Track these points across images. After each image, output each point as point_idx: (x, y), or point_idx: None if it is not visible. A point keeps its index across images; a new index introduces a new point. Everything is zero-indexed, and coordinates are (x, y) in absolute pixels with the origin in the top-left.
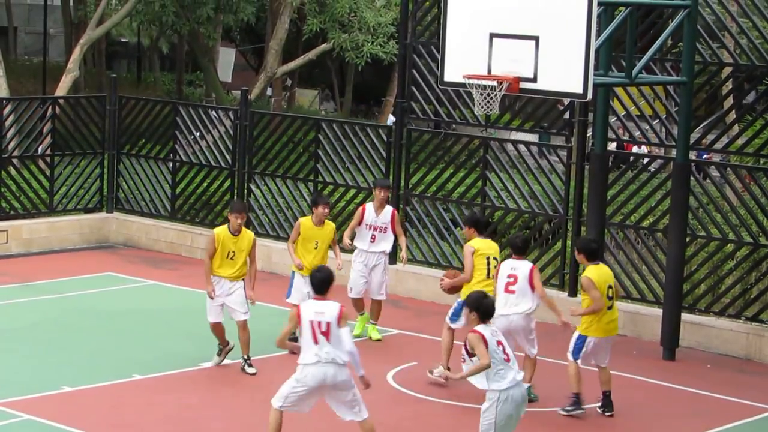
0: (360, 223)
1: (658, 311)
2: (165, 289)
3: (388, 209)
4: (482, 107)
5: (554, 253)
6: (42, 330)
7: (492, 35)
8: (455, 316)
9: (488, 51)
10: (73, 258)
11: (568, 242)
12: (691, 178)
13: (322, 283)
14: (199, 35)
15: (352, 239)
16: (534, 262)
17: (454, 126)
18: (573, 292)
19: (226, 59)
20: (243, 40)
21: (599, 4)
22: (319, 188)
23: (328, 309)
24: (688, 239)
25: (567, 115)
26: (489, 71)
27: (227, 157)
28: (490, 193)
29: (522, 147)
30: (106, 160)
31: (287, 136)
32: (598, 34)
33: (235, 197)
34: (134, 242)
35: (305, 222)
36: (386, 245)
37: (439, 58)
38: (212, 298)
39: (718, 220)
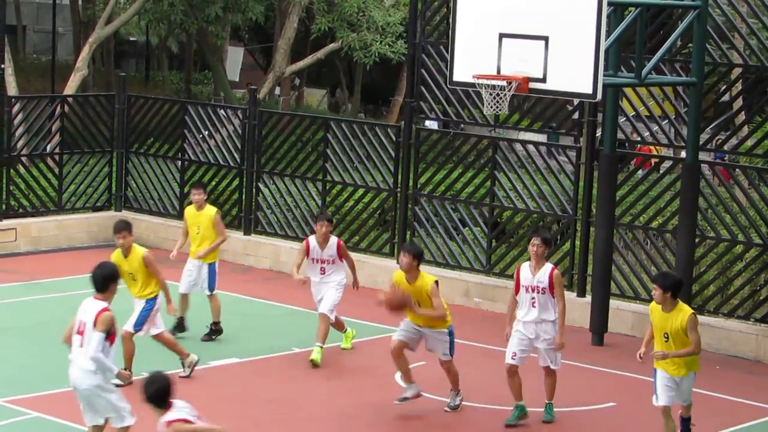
0: (307, 256)
1: None
2: (173, 287)
3: (333, 241)
4: (491, 107)
5: (563, 254)
6: (50, 328)
7: (501, 35)
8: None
9: (497, 51)
10: (82, 256)
11: (577, 242)
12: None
13: (101, 280)
14: (208, 34)
15: (299, 269)
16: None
17: (462, 126)
18: (582, 293)
19: (234, 58)
20: (251, 39)
21: (609, 4)
22: (327, 187)
23: (90, 309)
24: (697, 240)
25: (576, 116)
26: (498, 71)
27: (236, 156)
28: (498, 193)
29: (531, 147)
30: (115, 158)
31: (296, 135)
32: (608, 35)
33: (244, 196)
34: (142, 241)
35: (188, 210)
36: (338, 275)
37: (449, 57)
38: None
39: (727, 221)
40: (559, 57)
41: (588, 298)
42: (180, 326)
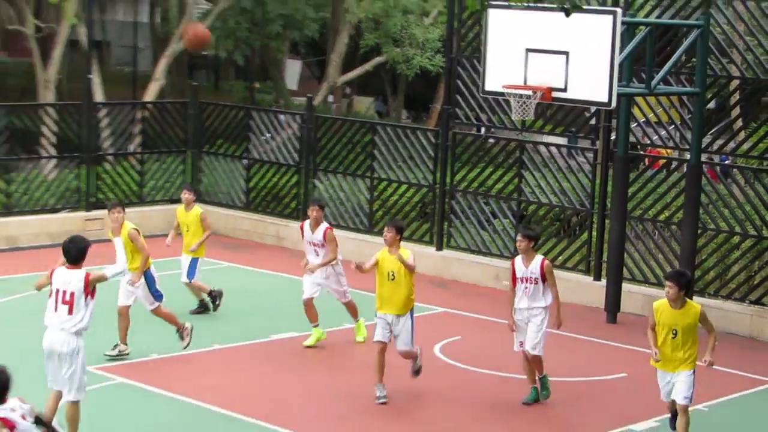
0: (302, 239)
1: None
2: (240, 270)
3: (322, 227)
4: (519, 113)
5: (581, 243)
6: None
7: (527, 50)
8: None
9: (524, 64)
10: (161, 242)
11: (594, 233)
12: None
13: (76, 253)
14: (269, 49)
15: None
16: (563, 250)
17: (493, 129)
18: (598, 277)
19: (292, 70)
20: (308, 53)
21: (622, 23)
22: (374, 183)
23: (73, 279)
24: (699, 231)
25: (593, 121)
26: (525, 82)
27: (294, 155)
28: (525, 189)
29: (553, 149)
30: (189, 157)
31: (347, 138)
32: (621, 50)
33: (302, 191)
34: (214, 230)
35: (178, 210)
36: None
37: (481, 70)
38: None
39: (726, 215)
40: (579, 69)
41: (603, 281)
42: (204, 306)
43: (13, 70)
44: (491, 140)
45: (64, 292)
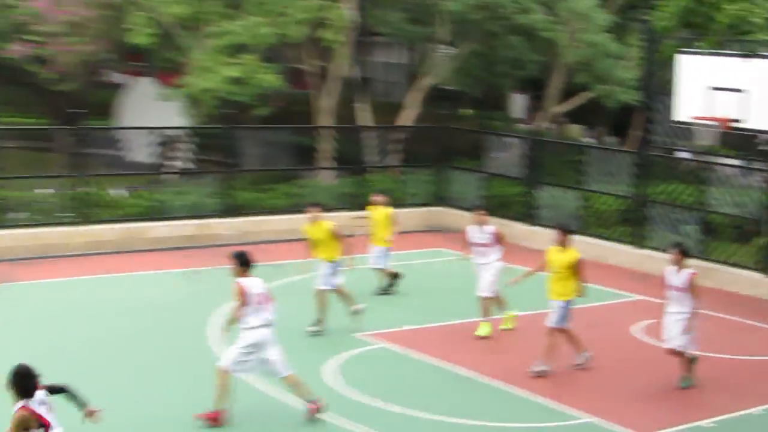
0: (469, 242)
1: None
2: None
3: (490, 228)
4: (704, 140)
5: (756, 247)
6: (409, 281)
7: (712, 88)
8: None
9: (709, 99)
10: (416, 237)
11: (766, 238)
12: None
13: (251, 263)
14: (499, 84)
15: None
16: (739, 252)
17: (683, 153)
18: None
19: (518, 101)
20: (530, 88)
21: None
22: (582, 194)
23: (260, 282)
24: None
25: (765, 147)
26: (709, 114)
27: (520, 170)
28: (708, 201)
29: (731, 169)
30: (437, 170)
31: (562, 157)
32: None
33: (526, 199)
34: (457, 228)
35: (371, 209)
36: (489, 258)
37: (672, 103)
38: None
39: None
40: (753, 104)
41: None
42: (390, 284)
43: (296, 99)
44: (682, 159)
45: (261, 294)
